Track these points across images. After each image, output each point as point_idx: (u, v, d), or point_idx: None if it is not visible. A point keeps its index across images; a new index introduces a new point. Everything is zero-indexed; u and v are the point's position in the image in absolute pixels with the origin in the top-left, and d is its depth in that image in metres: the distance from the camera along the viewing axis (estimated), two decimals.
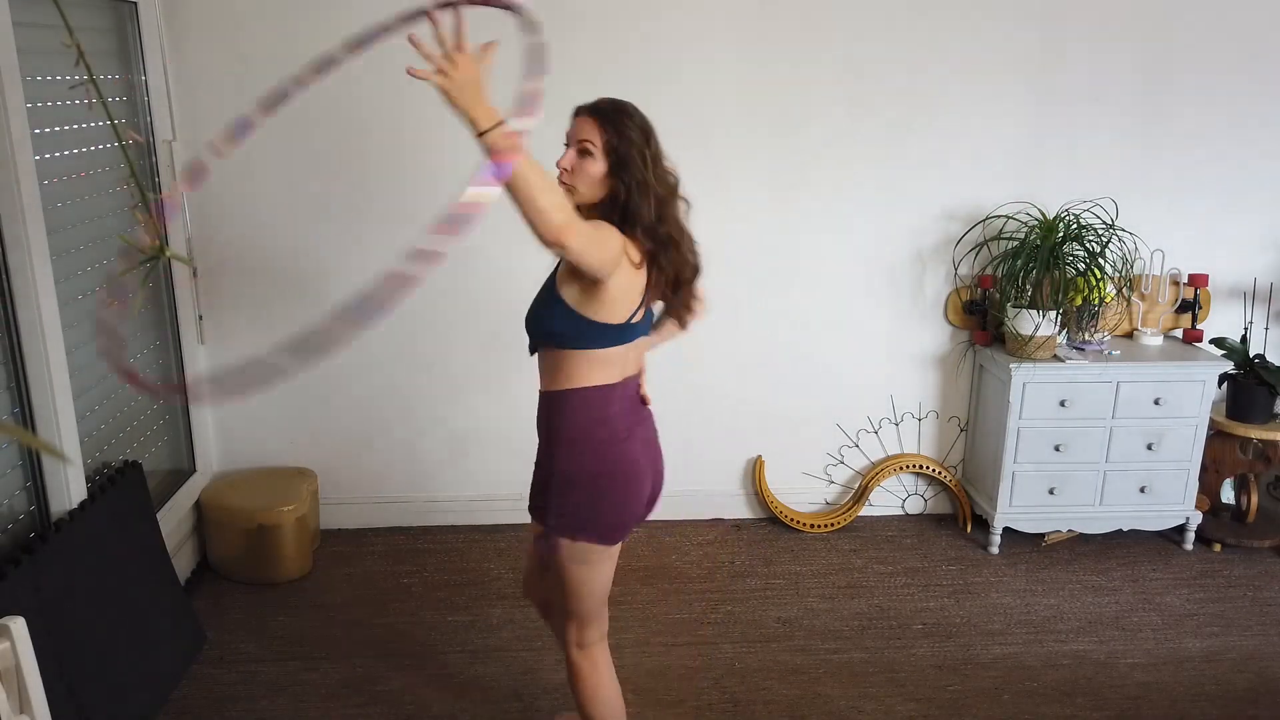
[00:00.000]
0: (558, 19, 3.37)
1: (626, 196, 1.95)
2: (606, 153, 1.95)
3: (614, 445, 2.05)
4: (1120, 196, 3.58)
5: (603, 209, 1.99)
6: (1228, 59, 3.55)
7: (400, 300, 1.46)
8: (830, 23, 3.42)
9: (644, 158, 1.96)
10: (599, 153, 1.95)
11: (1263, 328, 3.77)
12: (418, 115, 3.40)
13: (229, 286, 3.52)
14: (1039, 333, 3.42)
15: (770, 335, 3.70)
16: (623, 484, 2.06)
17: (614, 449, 2.05)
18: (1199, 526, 3.67)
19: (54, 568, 2.37)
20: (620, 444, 2.06)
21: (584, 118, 1.99)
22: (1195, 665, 2.99)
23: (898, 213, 3.63)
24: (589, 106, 2.01)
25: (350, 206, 3.47)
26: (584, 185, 1.97)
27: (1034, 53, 3.50)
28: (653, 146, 2.00)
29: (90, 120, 2.86)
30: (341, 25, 3.29)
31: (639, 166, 1.95)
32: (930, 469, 3.87)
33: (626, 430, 2.07)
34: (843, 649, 3.04)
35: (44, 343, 2.46)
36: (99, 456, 2.88)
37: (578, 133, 1.98)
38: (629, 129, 1.96)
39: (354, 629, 3.12)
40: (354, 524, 3.78)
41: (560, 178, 1.97)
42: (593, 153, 1.96)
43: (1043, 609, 3.28)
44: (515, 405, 3.73)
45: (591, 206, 2.00)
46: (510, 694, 2.81)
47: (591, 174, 1.96)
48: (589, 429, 2.03)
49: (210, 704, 2.75)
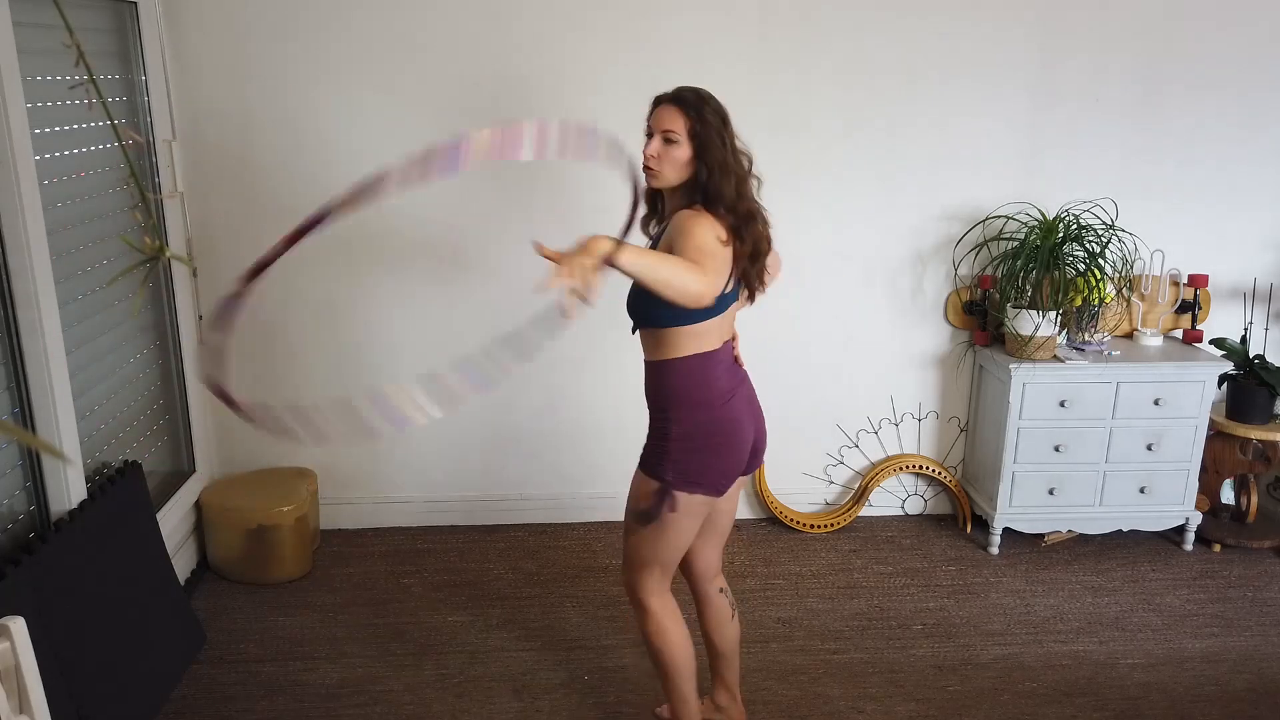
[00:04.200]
0: (558, 18, 3.40)
1: (709, 178, 2.10)
2: (690, 138, 2.09)
3: (720, 406, 2.20)
4: (1120, 197, 3.58)
5: (686, 189, 2.15)
6: (1227, 59, 3.55)
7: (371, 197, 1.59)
8: (830, 23, 3.42)
9: (723, 140, 2.11)
10: (683, 139, 2.09)
11: (1262, 328, 3.77)
12: (417, 113, 3.41)
13: (229, 287, 3.50)
14: (1039, 333, 3.42)
15: (770, 335, 3.69)
16: (728, 440, 2.22)
17: (720, 409, 2.20)
18: (1199, 527, 3.67)
19: (54, 568, 2.37)
20: (725, 404, 2.21)
21: (667, 107, 2.13)
22: (1195, 665, 2.99)
23: (898, 213, 3.63)
24: (671, 96, 2.15)
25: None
26: (670, 170, 2.12)
27: (1034, 53, 3.50)
28: (729, 130, 2.14)
29: (90, 120, 2.86)
30: (341, 25, 3.31)
31: (719, 149, 2.10)
32: (930, 469, 3.87)
33: (730, 390, 2.23)
34: (842, 649, 3.04)
35: (44, 343, 2.46)
36: (99, 456, 2.88)
37: (661, 122, 2.12)
38: (708, 114, 2.10)
39: (354, 629, 3.12)
40: (354, 524, 3.78)
41: (646, 164, 2.13)
42: (677, 140, 2.10)
43: (1043, 609, 3.28)
44: (516, 405, 3.74)
45: (675, 188, 2.16)
46: (510, 694, 2.81)
47: (678, 159, 2.11)
48: (696, 392, 2.19)
49: (210, 704, 2.75)
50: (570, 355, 3.65)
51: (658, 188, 2.18)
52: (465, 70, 3.37)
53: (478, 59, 3.36)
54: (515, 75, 3.39)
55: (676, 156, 2.11)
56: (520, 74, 3.39)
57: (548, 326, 1.84)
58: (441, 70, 3.36)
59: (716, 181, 2.09)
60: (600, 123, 3.40)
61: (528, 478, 3.82)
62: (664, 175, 2.13)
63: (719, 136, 2.11)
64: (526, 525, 3.83)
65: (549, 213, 3.49)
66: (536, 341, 1.87)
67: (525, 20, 3.34)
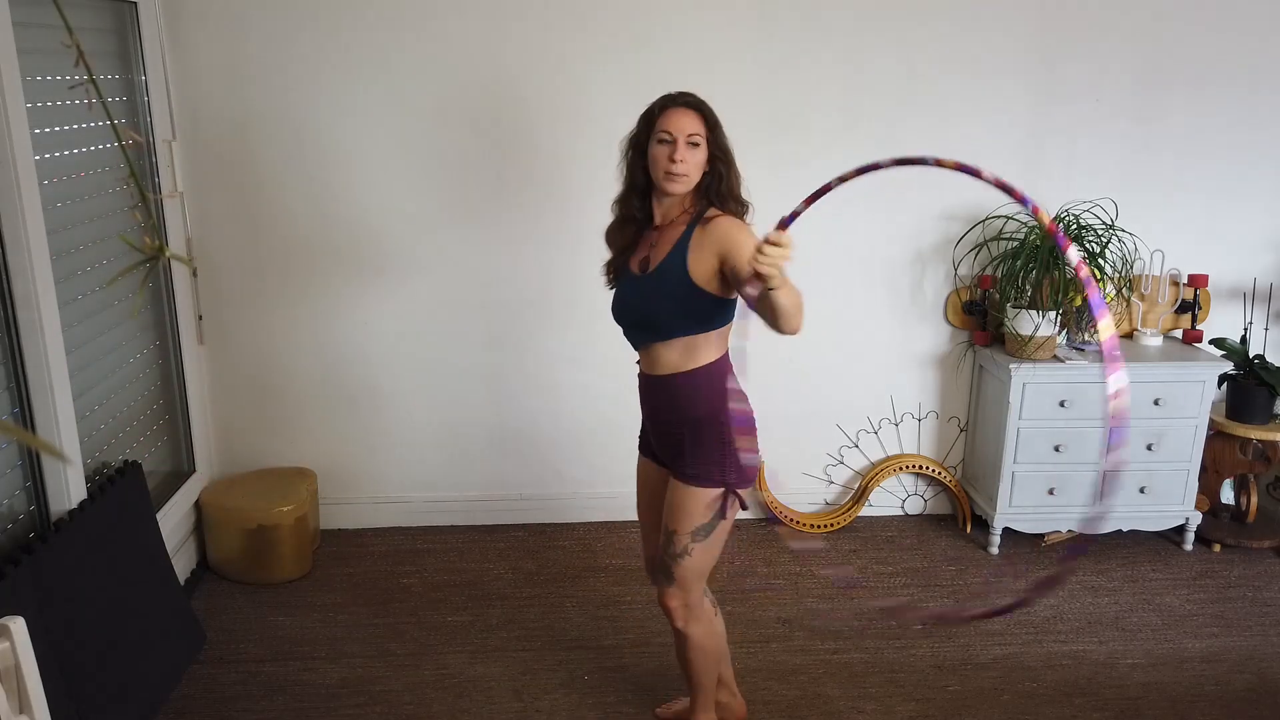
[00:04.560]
0: (559, 18, 3.39)
1: (726, 175, 2.19)
2: (710, 143, 2.17)
3: (744, 405, 2.25)
4: (1120, 196, 3.58)
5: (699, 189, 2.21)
6: (1227, 59, 3.55)
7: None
8: (830, 22, 3.42)
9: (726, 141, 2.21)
10: (704, 142, 2.17)
11: (1262, 328, 3.77)
12: (417, 114, 3.41)
13: (229, 286, 3.52)
14: (1039, 333, 3.42)
15: (770, 335, 3.69)
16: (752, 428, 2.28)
17: (744, 409, 2.25)
18: (1199, 527, 3.67)
19: (54, 568, 2.37)
20: (746, 403, 2.26)
21: (685, 111, 2.17)
22: (1195, 665, 2.99)
23: (898, 213, 3.63)
24: (685, 101, 2.19)
25: (349, 206, 3.46)
26: (695, 172, 2.18)
27: (1034, 53, 3.51)
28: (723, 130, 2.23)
29: (90, 120, 2.86)
30: (340, 25, 3.31)
31: (729, 152, 2.20)
32: (930, 469, 3.87)
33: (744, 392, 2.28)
34: (843, 649, 3.04)
35: (44, 343, 2.46)
36: (99, 456, 2.88)
37: (684, 127, 2.15)
38: (714, 118, 2.20)
39: (354, 629, 3.12)
40: (354, 524, 3.78)
41: (674, 169, 2.15)
42: (699, 144, 2.16)
43: (1043, 609, 3.28)
44: (515, 404, 3.74)
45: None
46: (510, 694, 2.81)
47: (700, 162, 2.17)
48: (720, 394, 2.24)
49: (210, 704, 2.75)
50: (570, 355, 3.65)
51: (678, 192, 2.18)
52: (465, 69, 3.37)
53: (477, 58, 3.36)
54: (515, 75, 3.39)
55: (699, 160, 2.17)
56: (520, 74, 3.39)
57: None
58: (441, 70, 3.36)
59: (728, 180, 2.19)
60: (600, 122, 3.42)
61: (528, 478, 3.82)
62: (690, 177, 2.17)
63: (724, 138, 2.20)
64: (526, 525, 3.83)
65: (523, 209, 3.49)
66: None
67: (525, 20, 3.34)
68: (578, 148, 3.43)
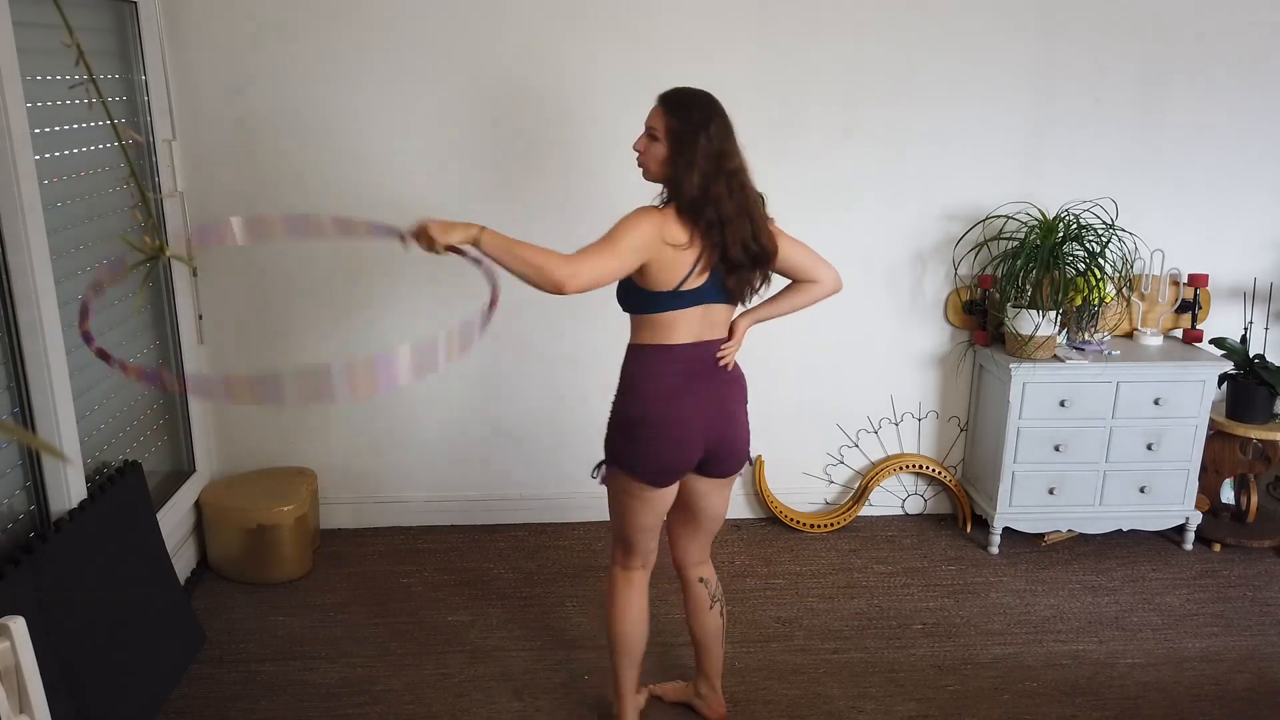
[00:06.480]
0: (559, 18, 3.39)
1: (672, 177, 2.16)
2: (668, 137, 2.15)
3: (658, 399, 2.24)
4: (1120, 196, 3.58)
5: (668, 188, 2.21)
6: (1227, 58, 3.56)
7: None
8: (830, 22, 3.42)
9: (697, 142, 2.13)
10: (663, 137, 2.16)
11: (1262, 328, 3.78)
12: (417, 114, 3.41)
13: (229, 286, 3.52)
14: (1039, 333, 3.42)
15: (770, 335, 3.69)
16: (656, 434, 2.25)
17: (655, 403, 2.24)
18: (1199, 526, 3.67)
19: (54, 568, 2.37)
20: (664, 398, 2.24)
21: (656, 105, 2.20)
22: (1195, 665, 2.99)
23: (898, 213, 3.63)
24: (662, 94, 2.21)
25: (349, 206, 3.46)
26: (654, 165, 2.19)
27: (1034, 53, 3.51)
28: (716, 134, 2.14)
29: (90, 120, 2.86)
30: (340, 25, 3.31)
31: (692, 151, 2.12)
32: (930, 469, 3.87)
33: (676, 388, 2.25)
34: (842, 649, 3.04)
35: (44, 343, 2.46)
36: (99, 456, 2.88)
37: (649, 119, 2.20)
38: (691, 115, 2.14)
39: (354, 629, 3.12)
40: (354, 524, 3.79)
41: (638, 159, 2.22)
42: (658, 137, 2.17)
43: (1042, 609, 3.28)
44: (515, 404, 3.74)
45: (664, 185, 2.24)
46: (510, 694, 2.81)
47: (657, 156, 2.18)
48: (641, 382, 2.26)
49: (210, 704, 2.75)
50: (570, 354, 3.65)
51: (645, 179, 2.25)
52: (465, 69, 3.37)
53: (478, 58, 3.36)
54: (515, 74, 3.39)
55: (656, 153, 2.18)
56: (520, 73, 3.39)
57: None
58: (441, 69, 3.36)
59: (679, 181, 2.14)
60: (600, 121, 3.42)
61: (528, 478, 3.82)
62: (648, 169, 2.22)
63: (700, 138, 2.12)
64: (526, 525, 3.83)
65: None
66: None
67: (526, 20, 3.34)
68: (578, 148, 3.43)
